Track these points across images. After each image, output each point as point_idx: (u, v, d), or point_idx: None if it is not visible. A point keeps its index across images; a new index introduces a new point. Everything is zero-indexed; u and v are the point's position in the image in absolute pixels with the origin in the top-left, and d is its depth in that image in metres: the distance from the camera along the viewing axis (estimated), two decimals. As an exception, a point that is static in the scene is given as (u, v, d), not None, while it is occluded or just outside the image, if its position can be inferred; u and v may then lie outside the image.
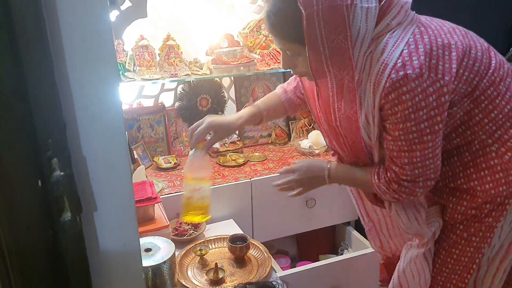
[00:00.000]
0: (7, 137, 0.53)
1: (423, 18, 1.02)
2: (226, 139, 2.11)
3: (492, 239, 1.04)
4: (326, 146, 1.56)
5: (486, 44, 1.03)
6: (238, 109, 2.16)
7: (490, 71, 0.99)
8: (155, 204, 1.43)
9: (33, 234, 0.58)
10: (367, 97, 0.98)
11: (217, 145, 2.05)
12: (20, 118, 0.53)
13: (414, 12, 1.01)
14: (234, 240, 1.45)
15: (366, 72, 0.97)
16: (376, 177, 1.05)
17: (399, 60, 0.91)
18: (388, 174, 1.02)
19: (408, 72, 0.90)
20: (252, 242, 1.49)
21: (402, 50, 0.92)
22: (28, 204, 0.56)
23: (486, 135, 1.01)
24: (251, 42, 2.03)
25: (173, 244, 1.21)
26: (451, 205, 1.07)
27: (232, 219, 1.76)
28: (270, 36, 2.06)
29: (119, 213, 0.68)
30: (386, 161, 1.03)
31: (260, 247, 1.49)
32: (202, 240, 1.51)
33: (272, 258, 1.50)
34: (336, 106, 1.06)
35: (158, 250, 1.16)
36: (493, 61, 1.00)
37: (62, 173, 0.58)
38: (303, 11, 0.91)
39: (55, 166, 0.58)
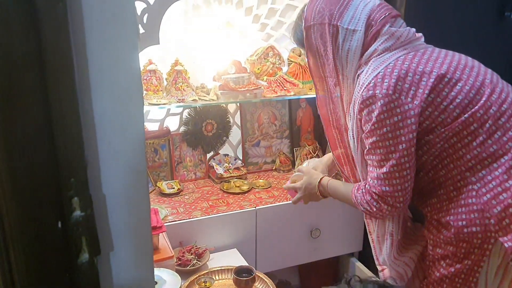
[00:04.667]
0: (31, 177, 0.50)
1: (431, 48, 1.08)
2: (230, 165, 2.09)
3: (477, 285, 1.01)
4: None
5: (488, 81, 1.02)
6: (243, 135, 2.14)
7: (476, 107, 0.98)
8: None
9: (50, 277, 0.55)
10: (351, 112, 1.10)
11: (221, 171, 2.03)
12: (44, 156, 0.51)
13: (420, 41, 1.09)
14: (240, 272, 1.41)
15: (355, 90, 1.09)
16: (356, 188, 1.12)
17: (373, 81, 1.01)
18: (366, 186, 1.08)
19: (376, 92, 1.00)
20: (258, 274, 1.45)
21: (379, 73, 1.02)
22: (47, 246, 0.54)
23: (470, 172, 1.00)
24: (258, 69, 2.04)
25: (179, 277, 1.17)
26: (432, 237, 1.07)
27: (235, 249, 1.72)
28: (277, 63, 2.08)
29: (136, 254, 0.66)
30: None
31: (265, 279, 1.45)
32: (206, 271, 1.47)
33: (277, 291, 1.46)
34: (331, 107, 1.21)
35: (163, 283, 1.13)
36: (484, 99, 0.99)
37: (82, 214, 0.56)
38: (303, 25, 1.15)
39: (75, 206, 0.55)
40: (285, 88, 2.03)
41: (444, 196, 1.04)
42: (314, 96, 2.10)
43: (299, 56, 2.11)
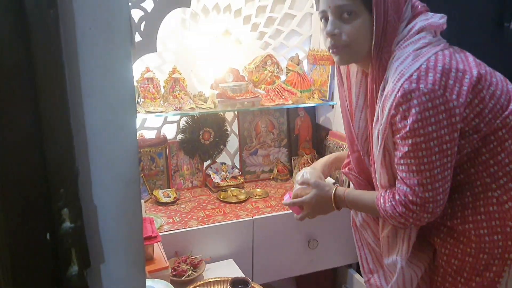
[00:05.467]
0: (20, 187, 0.49)
1: (458, 48, 1.04)
2: (227, 174, 2.07)
3: None
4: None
5: (510, 87, 1.02)
6: (241, 143, 2.13)
7: (506, 112, 0.97)
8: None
9: (37, 292, 0.53)
10: (381, 105, 0.98)
11: (218, 179, 2.01)
12: (34, 166, 0.50)
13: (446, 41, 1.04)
14: (235, 283, 1.39)
15: (386, 76, 0.98)
16: (382, 200, 1.02)
17: (415, 73, 0.92)
18: (397, 197, 0.98)
19: (421, 86, 0.90)
20: (254, 285, 1.43)
21: (421, 65, 0.92)
22: (36, 259, 0.52)
23: (491, 178, 0.98)
24: (256, 77, 2.03)
25: (174, 288, 1.15)
26: (448, 246, 1.04)
27: (231, 259, 1.70)
28: (275, 72, 2.07)
29: (127, 266, 0.64)
30: (396, 183, 1.00)
31: (262, 291, 1.43)
32: (202, 282, 1.45)
33: (274, 303, 1.44)
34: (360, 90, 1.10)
35: (158, 295, 1.10)
36: None
37: (72, 225, 0.54)
38: None
39: (65, 217, 0.54)
40: (283, 97, 2.02)
41: (457, 201, 1.02)
42: (312, 105, 2.10)
43: (297, 65, 2.10)
